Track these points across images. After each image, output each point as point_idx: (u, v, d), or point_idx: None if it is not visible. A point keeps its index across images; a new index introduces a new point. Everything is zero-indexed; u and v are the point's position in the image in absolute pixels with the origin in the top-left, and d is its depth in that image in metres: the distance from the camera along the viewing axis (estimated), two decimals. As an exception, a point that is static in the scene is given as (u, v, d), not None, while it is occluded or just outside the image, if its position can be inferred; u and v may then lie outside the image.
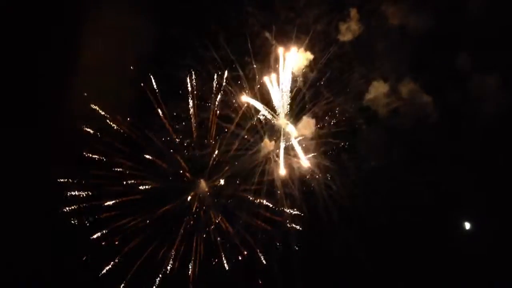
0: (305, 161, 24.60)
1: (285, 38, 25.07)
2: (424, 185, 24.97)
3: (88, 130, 24.22)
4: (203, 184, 25.29)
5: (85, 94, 24.19)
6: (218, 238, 24.59)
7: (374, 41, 25.73)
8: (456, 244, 24.94)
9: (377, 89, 25.66)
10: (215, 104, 25.06)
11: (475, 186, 24.69)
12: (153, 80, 24.68)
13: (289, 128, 25.07)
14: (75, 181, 23.92)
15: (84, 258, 23.81)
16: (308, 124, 25.56)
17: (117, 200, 24.09)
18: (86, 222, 23.94)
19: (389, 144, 25.33)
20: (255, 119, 25.26)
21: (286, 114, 25.28)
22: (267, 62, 25.19)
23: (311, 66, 25.69)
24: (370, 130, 25.96)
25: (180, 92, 25.00)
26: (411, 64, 25.48)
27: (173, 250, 23.99)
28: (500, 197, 24.30)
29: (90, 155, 23.99)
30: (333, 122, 25.92)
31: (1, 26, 23.96)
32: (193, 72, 24.90)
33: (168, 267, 23.93)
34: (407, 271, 24.29)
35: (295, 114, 25.54)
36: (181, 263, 24.13)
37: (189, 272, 24.06)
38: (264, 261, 24.29)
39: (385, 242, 24.80)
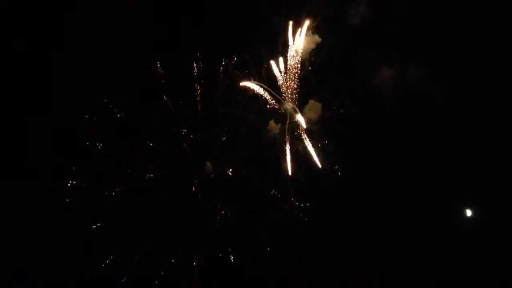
0: (318, 163, 24.32)
1: (293, 21, 24.37)
2: (427, 172, 24.95)
3: (91, 116, 23.40)
4: (209, 168, 24.68)
5: (88, 80, 23.29)
6: (224, 228, 24.17)
7: (383, 25, 25.24)
8: (457, 232, 24.94)
9: (385, 74, 25.24)
10: (221, 88, 24.41)
11: (477, 173, 24.75)
12: (158, 65, 23.87)
13: (298, 118, 24.52)
14: (77, 169, 23.15)
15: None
16: (314, 107, 25.07)
17: (121, 188, 23.36)
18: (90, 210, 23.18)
19: (395, 130, 25.23)
20: (262, 103, 24.71)
21: (292, 98, 24.75)
22: (275, 46, 24.50)
23: (318, 49, 25.01)
24: (377, 116, 25.61)
25: (186, 77, 24.20)
26: (420, 49, 25.14)
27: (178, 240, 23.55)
28: (502, 184, 24.34)
29: (93, 142, 23.22)
30: (340, 107, 25.43)
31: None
32: (199, 55, 24.15)
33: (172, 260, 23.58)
34: (409, 259, 24.24)
35: (302, 97, 24.99)
36: (186, 254, 23.65)
37: (194, 263, 23.64)
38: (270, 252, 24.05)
39: (388, 229, 24.66)
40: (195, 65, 24.12)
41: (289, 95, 24.71)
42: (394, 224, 24.65)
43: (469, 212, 25.56)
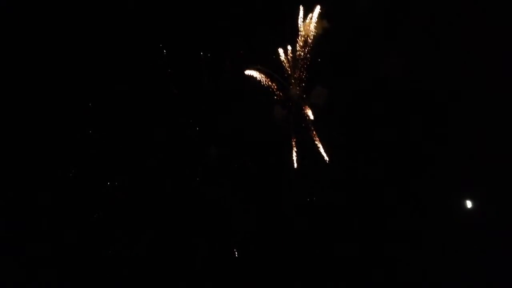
0: (325, 156, 23.96)
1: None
2: (427, 163, 24.78)
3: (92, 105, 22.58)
4: (212, 158, 24.15)
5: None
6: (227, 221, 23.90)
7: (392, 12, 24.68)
8: (457, 223, 25.00)
9: (394, 62, 24.38)
10: (227, 76, 23.89)
11: (476, 163, 24.49)
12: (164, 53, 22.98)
13: (305, 108, 24.02)
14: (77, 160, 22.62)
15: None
16: (321, 94, 24.55)
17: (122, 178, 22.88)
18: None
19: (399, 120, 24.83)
20: (269, 91, 24.02)
21: (300, 85, 24.22)
22: (283, 32, 23.87)
23: (327, 34, 24.24)
24: (383, 105, 25.09)
25: (192, 65, 23.40)
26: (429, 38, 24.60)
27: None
28: (503, 174, 24.11)
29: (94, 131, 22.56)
30: (346, 95, 24.85)
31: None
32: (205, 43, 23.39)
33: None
34: (408, 253, 24.33)
35: (308, 84, 24.45)
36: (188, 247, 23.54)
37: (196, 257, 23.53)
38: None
39: (388, 222, 24.68)
40: (201, 53, 23.23)
41: (297, 83, 24.13)
42: (396, 219, 24.66)
43: (469, 204, 25.54)
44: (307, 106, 23.97)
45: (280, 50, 23.72)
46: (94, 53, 23.01)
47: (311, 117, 23.93)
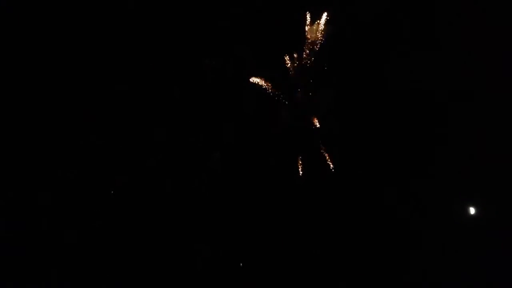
0: (331, 164, 23.95)
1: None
2: (427, 163, 24.68)
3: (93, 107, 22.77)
4: (215, 162, 24.17)
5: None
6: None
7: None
8: (458, 223, 24.72)
9: (394, 62, 24.61)
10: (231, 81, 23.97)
11: (477, 163, 24.35)
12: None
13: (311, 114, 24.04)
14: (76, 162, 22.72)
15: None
16: (326, 98, 24.53)
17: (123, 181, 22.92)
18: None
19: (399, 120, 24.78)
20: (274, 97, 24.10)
21: (306, 91, 24.36)
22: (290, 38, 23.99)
23: (332, 39, 24.34)
24: (387, 107, 25.03)
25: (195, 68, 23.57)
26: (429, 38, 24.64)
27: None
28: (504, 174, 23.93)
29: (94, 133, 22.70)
30: (351, 97, 24.81)
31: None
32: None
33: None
34: (408, 253, 24.20)
35: (314, 89, 24.54)
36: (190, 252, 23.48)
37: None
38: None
39: (387, 222, 24.53)
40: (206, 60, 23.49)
41: (302, 90, 24.28)
42: (396, 219, 24.53)
43: (472, 210, 25.30)
44: (313, 114, 23.96)
45: (286, 57, 23.87)
46: (94, 55, 23.20)
47: (317, 124, 23.92)
